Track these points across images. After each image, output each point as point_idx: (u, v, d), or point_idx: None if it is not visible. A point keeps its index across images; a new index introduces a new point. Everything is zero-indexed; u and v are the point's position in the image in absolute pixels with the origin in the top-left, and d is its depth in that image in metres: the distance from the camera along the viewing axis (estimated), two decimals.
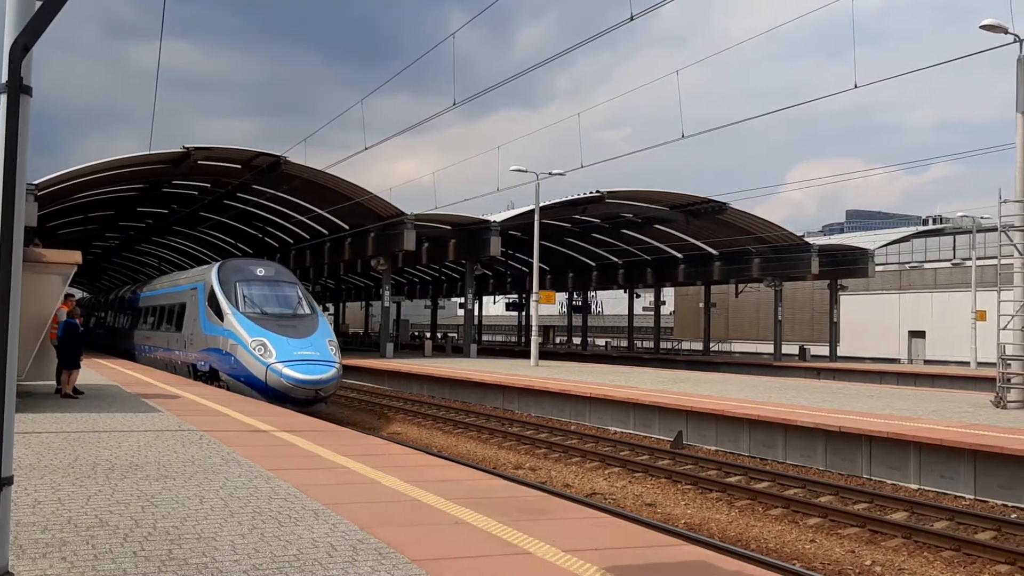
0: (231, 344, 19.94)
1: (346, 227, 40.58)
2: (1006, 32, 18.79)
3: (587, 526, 6.85)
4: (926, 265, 56.55)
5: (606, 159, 66.63)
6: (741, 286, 50.32)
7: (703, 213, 40.45)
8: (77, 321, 16.22)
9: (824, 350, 47.21)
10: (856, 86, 17.75)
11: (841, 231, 76.88)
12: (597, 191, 37.78)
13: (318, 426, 12.87)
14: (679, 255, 49.12)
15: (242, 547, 5.77)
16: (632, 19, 15.10)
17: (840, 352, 46.58)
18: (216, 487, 7.78)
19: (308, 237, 45.19)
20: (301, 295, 22.07)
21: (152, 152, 30.34)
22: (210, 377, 21.38)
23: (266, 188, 37.52)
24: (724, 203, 39.01)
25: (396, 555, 5.65)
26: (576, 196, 38.40)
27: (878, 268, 48.17)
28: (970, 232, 42.17)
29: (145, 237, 54.99)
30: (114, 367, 25.08)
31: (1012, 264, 19.13)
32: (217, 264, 23.35)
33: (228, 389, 19.69)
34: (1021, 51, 18.86)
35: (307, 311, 21.41)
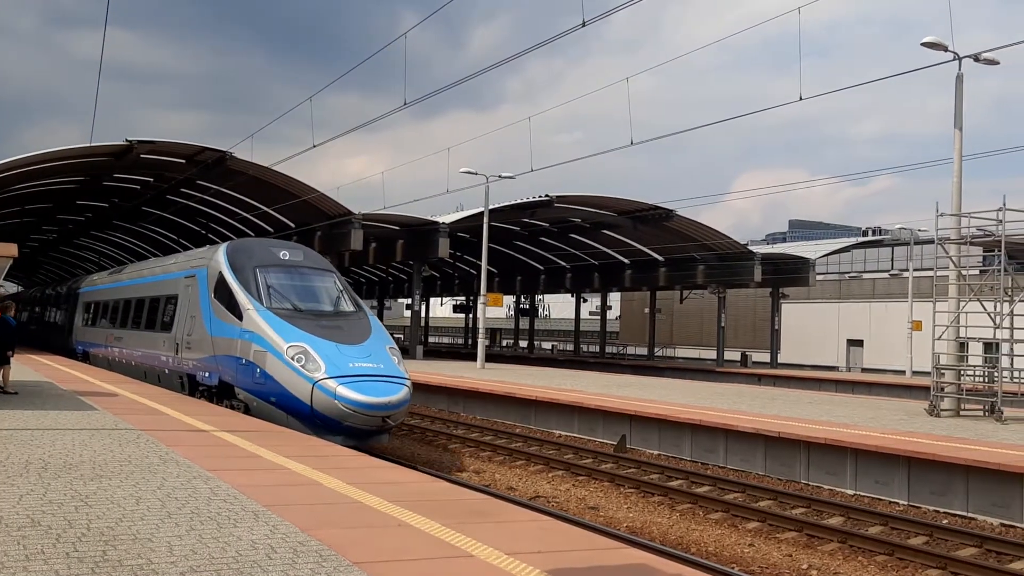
0: (255, 351, 14.87)
1: (292, 225, 40.11)
2: (946, 50, 19.31)
3: (530, 529, 6.86)
4: (865, 275, 57.82)
5: (556, 163, 67.20)
6: (686, 292, 50.94)
7: (650, 220, 40.92)
8: (11, 316, 15.99)
9: (765, 357, 48.02)
10: (801, 98, 18.13)
11: (784, 240, 78.20)
12: (546, 195, 37.96)
13: (259, 426, 12.70)
14: (626, 260, 49.64)
15: (179, 549, 5.66)
16: (584, 25, 15.23)
17: (781, 359, 47.42)
18: (153, 487, 7.62)
19: (253, 235, 44.58)
20: (341, 286, 17.04)
21: (93, 144, 29.64)
22: (219, 394, 16.33)
23: (211, 184, 36.89)
24: (671, 210, 39.52)
25: (337, 557, 5.60)
26: (525, 200, 38.53)
27: (819, 277, 49.21)
28: (908, 244, 43.21)
29: (84, 231, 53.74)
30: (49, 364, 24.44)
31: (947, 276, 19.64)
32: (224, 245, 17.83)
33: (247, 411, 15.03)
34: (960, 68, 19.41)
35: (351, 308, 16.45)
